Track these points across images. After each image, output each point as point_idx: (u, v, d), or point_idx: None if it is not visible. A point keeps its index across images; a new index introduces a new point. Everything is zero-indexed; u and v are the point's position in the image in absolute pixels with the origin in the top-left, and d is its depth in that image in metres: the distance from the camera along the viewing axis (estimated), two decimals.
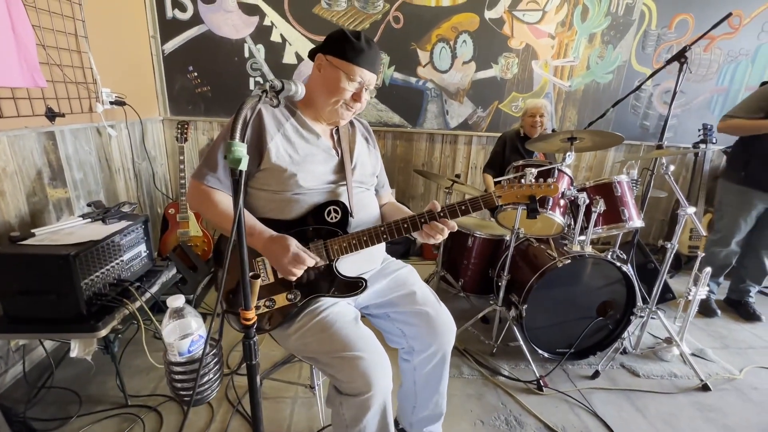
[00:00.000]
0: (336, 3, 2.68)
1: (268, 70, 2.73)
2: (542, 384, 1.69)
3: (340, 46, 0.99)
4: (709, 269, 1.91)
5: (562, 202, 1.81)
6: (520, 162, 1.89)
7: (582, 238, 1.82)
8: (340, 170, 1.10)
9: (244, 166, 0.63)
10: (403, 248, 3.06)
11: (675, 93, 1.89)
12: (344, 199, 1.07)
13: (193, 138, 2.82)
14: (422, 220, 1.01)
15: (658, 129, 3.06)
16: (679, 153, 1.80)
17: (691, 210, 1.72)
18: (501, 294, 1.87)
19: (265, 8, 2.63)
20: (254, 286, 0.73)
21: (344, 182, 1.09)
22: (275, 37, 2.67)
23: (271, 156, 0.99)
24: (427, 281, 2.42)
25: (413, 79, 2.85)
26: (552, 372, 1.78)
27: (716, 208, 2.49)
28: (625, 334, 1.91)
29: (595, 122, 2.26)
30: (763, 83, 2.17)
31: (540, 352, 1.82)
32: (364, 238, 1.02)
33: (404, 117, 2.94)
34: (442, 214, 1.00)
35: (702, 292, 1.94)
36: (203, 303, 2.22)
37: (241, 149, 0.62)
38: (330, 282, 1.04)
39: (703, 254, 1.93)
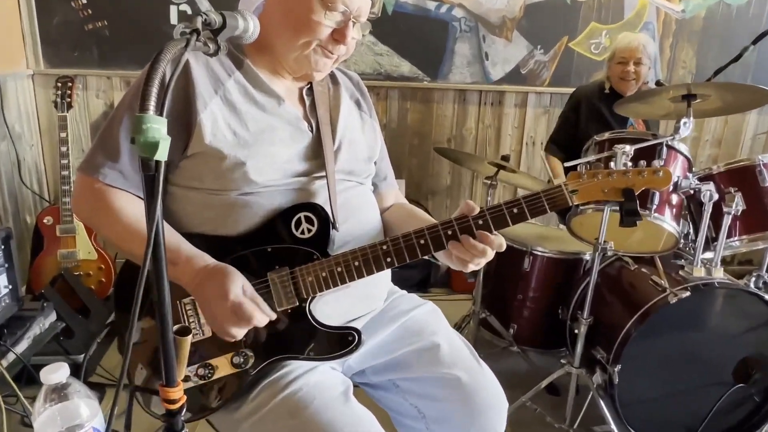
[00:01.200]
0: None
1: None
2: None
3: None
4: None
5: (674, 198, 1.81)
6: (606, 135, 1.89)
7: (709, 255, 1.81)
8: (315, 155, 1.09)
9: (163, 155, 0.62)
10: (419, 275, 3.06)
11: None
12: (322, 200, 1.06)
13: (82, 103, 2.82)
14: (449, 233, 1.00)
15: None
16: None
17: None
18: (579, 348, 1.86)
19: None
20: (182, 346, 0.72)
21: (322, 173, 1.08)
22: None
23: (205, 134, 0.97)
24: (458, 328, 2.45)
25: (432, 4, 2.87)
26: None
27: None
28: None
29: (726, 69, 2.25)
30: None
31: None
32: (356, 264, 1.01)
33: (418, 65, 2.94)
34: (481, 223, 0.99)
35: None
36: (100, 367, 2.21)
37: (158, 127, 0.61)
38: (303, 336, 1.02)
39: None
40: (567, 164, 1.88)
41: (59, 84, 2.47)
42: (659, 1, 2.93)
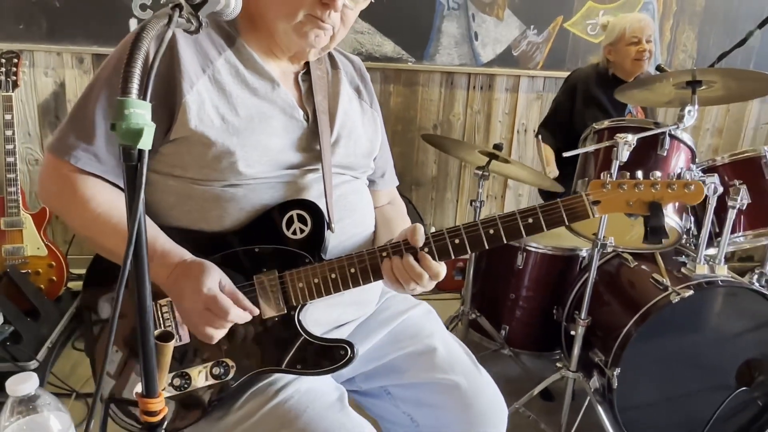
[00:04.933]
0: None
1: None
2: None
3: None
4: None
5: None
6: (606, 123, 1.91)
7: (712, 251, 1.85)
8: (310, 146, 1.08)
9: (147, 144, 0.61)
10: None
11: None
12: (316, 195, 1.05)
13: (29, 81, 2.76)
14: (384, 255, 1.00)
15: None
16: None
17: None
18: (576, 351, 1.89)
19: None
20: (164, 353, 0.71)
21: (317, 166, 1.07)
22: None
23: (190, 117, 0.96)
24: (448, 329, 2.46)
25: None
26: None
27: None
28: None
29: (730, 54, 2.30)
30: None
31: None
32: (352, 271, 1.00)
33: (402, 45, 2.94)
34: (426, 250, 0.99)
35: None
36: (52, 375, 2.17)
37: (141, 113, 0.60)
38: (289, 348, 1.01)
39: None
40: (566, 154, 1.91)
41: (3, 60, 2.40)
42: None
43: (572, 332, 1.90)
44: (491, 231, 0.99)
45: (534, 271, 2.20)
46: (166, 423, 0.95)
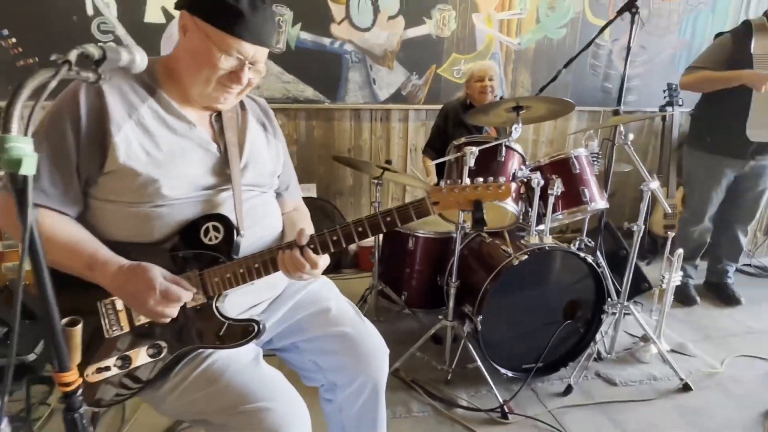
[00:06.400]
0: None
1: (125, 32, 2.54)
2: (507, 410, 1.76)
3: (210, 7, 0.92)
4: (681, 251, 2.12)
5: (513, 185, 1.89)
6: (462, 139, 1.94)
7: (541, 227, 1.92)
8: (222, 171, 1.04)
9: (29, 170, 0.55)
10: (333, 259, 3.03)
11: (629, 48, 2.06)
12: (227, 210, 1.02)
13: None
14: (278, 251, 0.98)
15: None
16: (640, 119, 1.98)
17: (654, 185, 1.89)
18: (451, 305, 1.92)
19: None
20: (73, 336, 0.66)
21: (228, 186, 1.04)
22: None
23: (119, 154, 0.91)
24: (363, 298, 2.45)
25: (327, 40, 2.83)
26: (518, 394, 1.86)
27: (685, 180, 2.77)
28: (598, 337, 2.05)
29: (548, 87, 2.39)
30: (718, 35, 2.45)
31: (502, 371, 1.90)
32: (256, 266, 0.98)
33: (319, 90, 2.91)
34: (312, 246, 0.97)
35: (676, 279, 2.15)
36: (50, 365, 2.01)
37: (21, 146, 0.55)
38: (210, 328, 0.98)
39: (673, 234, 2.13)
40: (434, 161, 1.93)
41: None
42: (501, 36, 3.07)
43: (449, 292, 1.92)
44: (359, 228, 0.99)
45: (422, 251, 2.21)
46: (116, 395, 0.91)
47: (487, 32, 3.03)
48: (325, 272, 1.20)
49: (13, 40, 2.44)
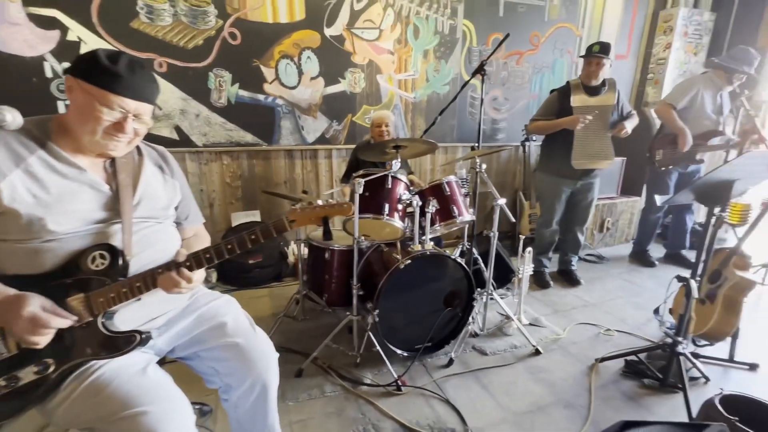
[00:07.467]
0: (159, 17, 2.50)
1: None
2: (400, 383, 1.78)
3: (88, 70, 0.89)
4: (530, 249, 2.27)
5: (400, 207, 1.96)
6: (361, 171, 1.99)
7: (425, 237, 1.99)
8: (113, 207, 0.99)
9: None
10: (274, 271, 2.96)
11: (482, 101, 2.21)
12: (115, 240, 0.97)
13: None
14: (159, 271, 0.95)
15: (494, 132, 3.57)
16: (488, 153, 2.11)
17: (502, 201, 2.03)
18: (355, 302, 1.94)
19: (66, 21, 2.32)
20: None
21: (117, 220, 0.98)
22: None
23: (3, 198, 0.86)
24: (295, 300, 2.41)
25: (261, 96, 2.82)
26: (410, 369, 1.89)
27: (537, 195, 2.99)
28: (472, 318, 2.13)
29: (430, 129, 2.52)
30: (552, 91, 2.70)
31: (399, 352, 1.92)
32: (137, 285, 0.93)
33: (257, 135, 2.88)
34: (188, 264, 0.95)
35: (528, 269, 2.29)
36: None
37: None
38: (95, 342, 0.92)
39: (524, 237, 2.28)
40: (341, 183, 1.92)
41: None
42: (400, 92, 3.20)
43: (354, 293, 1.94)
44: (229, 246, 0.97)
45: (337, 261, 2.21)
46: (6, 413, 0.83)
47: (389, 89, 3.15)
48: (268, 280, 1.13)
49: None
